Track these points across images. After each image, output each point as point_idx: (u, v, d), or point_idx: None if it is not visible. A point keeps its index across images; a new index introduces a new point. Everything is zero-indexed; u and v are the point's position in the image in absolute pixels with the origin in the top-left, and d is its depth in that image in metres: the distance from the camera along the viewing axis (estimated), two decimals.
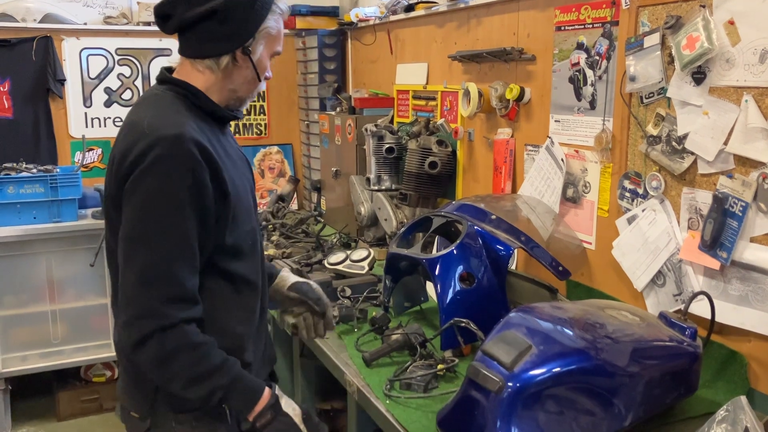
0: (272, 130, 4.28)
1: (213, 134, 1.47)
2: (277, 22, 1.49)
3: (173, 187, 1.33)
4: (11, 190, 3.21)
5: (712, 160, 1.70)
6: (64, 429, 3.48)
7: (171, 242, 1.34)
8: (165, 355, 1.34)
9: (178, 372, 1.36)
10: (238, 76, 1.49)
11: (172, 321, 1.33)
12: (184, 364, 1.36)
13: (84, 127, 3.82)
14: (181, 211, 1.34)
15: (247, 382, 1.44)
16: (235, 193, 1.45)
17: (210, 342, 1.39)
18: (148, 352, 1.34)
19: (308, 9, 4.01)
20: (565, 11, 2.17)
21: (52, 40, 3.66)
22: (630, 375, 1.41)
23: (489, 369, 1.36)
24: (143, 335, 1.33)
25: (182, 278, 1.35)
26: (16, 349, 3.35)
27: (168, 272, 1.34)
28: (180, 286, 1.35)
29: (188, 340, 1.35)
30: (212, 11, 1.40)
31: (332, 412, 2.80)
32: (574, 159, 2.19)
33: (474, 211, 2.11)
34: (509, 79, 2.46)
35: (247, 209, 1.53)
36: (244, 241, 1.51)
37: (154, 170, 1.33)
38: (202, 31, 1.43)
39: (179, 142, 1.34)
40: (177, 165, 1.33)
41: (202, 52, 1.46)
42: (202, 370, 1.37)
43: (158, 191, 1.33)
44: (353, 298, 2.31)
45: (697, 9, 1.70)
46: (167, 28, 1.47)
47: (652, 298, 1.93)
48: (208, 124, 1.48)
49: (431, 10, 2.95)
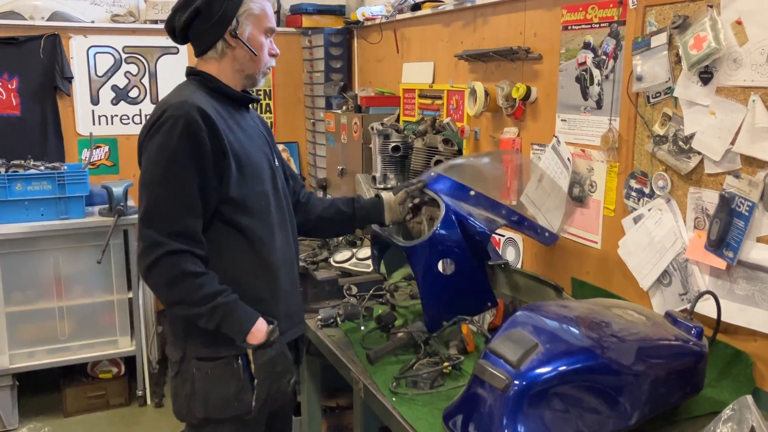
0: (278, 128, 4.30)
1: (227, 112, 1.73)
2: (259, 3, 1.74)
3: (173, 142, 1.59)
4: (19, 187, 3.22)
5: (719, 160, 1.71)
6: (71, 425, 3.49)
7: (169, 189, 1.60)
8: (170, 279, 1.60)
9: (183, 295, 1.61)
10: (238, 56, 1.74)
11: (175, 248, 1.58)
12: (188, 288, 1.60)
13: (91, 124, 3.84)
14: (179, 162, 1.59)
15: (243, 309, 1.66)
16: (242, 155, 1.69)
17: (211, 273, 1.64)
18: (156, 276, 1.61)
19: (315, 8, 4.02)
20: (572, 11, 2.17)
21: (59, 38, 3.68)
22: (636, 374, 1.42)
23: (495, 367, 1.37)
24: (151, 261, 1.59)
25: (180, 218, 1.60)
26: (24, 346, 3.37)
27: (168, 213, 1.60)
28: (180, 224, 1.60)
29: (191, 269, 1.60)
30: (197, 11, 1.68)
31: (337, 409, 2.81)
32: (581, 158, 2.19)
33: (452, 186, 2.02)
34: (516, 78, 2.47)
35: (258, 173, 1.75)
36: (253, 199, 1.72)
37: (161, 129, 1.61)
38: (196, 30, 1.73)
39: (182, 106, 1.61)
40: (178, 124, 1.59)
41: (202, 46, 1.75)
42: (202, 294, 1.61)
43: (161, 146, 1.60)
44: (359, 296, 2.32)
45: (704, 9, 1.70)
46: (177, 40, 1.77)
47: (657, 297, 1.93)
48: (225, 104, 1.74)
49: (438, 9, 2.95)
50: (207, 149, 1.61)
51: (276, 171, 1.84)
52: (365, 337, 2.04)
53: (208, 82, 1.74)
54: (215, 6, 1.68)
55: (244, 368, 1.71)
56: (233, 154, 1.66)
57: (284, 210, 1.84)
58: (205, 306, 1.61)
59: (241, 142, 1.71)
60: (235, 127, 1.72)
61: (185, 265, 1.60)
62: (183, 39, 1.77)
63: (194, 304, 1.62)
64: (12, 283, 3.30)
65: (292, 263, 1.87)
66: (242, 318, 1.66)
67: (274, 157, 1.87)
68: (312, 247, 2.94)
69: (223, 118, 1.69)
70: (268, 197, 1.77)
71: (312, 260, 2.66)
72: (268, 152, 1.84)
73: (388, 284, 2.42)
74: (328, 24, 3.99)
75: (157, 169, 1.60)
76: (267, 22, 1.76)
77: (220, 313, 1.63)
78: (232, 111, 1.76)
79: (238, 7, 1.70)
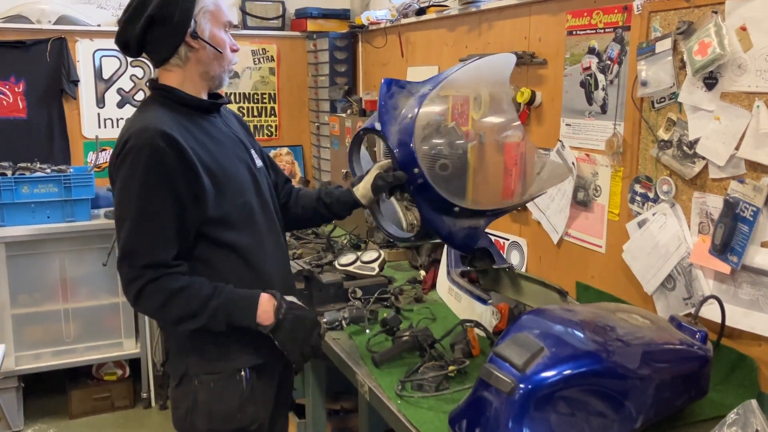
0: (283, 132, 4.31)
1: (195, 124, 1.67)
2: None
3: (139, 173, 1.54)
4: (25, 190, 3.24)
5: (723, 165, 1.71)
6: (76, 427, 3.51)
7: (141, 223, 1.56)
8: (160, 304, 1.58)
9: (179, 313, 1.60)
10: (203, 58, 1.67)
11: (153, 277, 1.56)
12: (180, 305, 1.59)
13: (97, 127, 3.85)
14: (148, 194, 1.55)
15: (242, 295, 1.64)
16: (216, 170, 1.63)
17: (197, 280, 1.61)
18: (146, 305, 1.61)
19: (319, 12, 4.04)
20: (577, 16, 2.18)
21: (66, 42, 3.70)
22: (641, 377, 1.42)
23: (501, 370, 1.38)
24: (135, 294, 1.58)
25: (154, 250, 1.57)
26: (29, 347, 3.38)
27: (141, 248, 1.57)
28: (154, 256, 1.57)
29: (175, 286, 1.58)
30: (150, 19, 1.60)
31: (342, 412, 2.82)
32: (585, 163, 2.20)
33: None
34: (520, 82, 2.48)
35: (237, 184, 1.69)
36: (236, 213, 1.67)
37: (126, 161, 1.56)
38: (152, 40, 1.64)
39: (144, 133, 1.55)
40: (142, 155, 1.54)
41: (163, 54, 1.66)
42: (196, 304, 1.59)
43: (128, 179, 1.56)
44: (364, 299, 2.33)
45: (709, 15, 1.71)
46: (131, 53, 1.69)
47: (662, 301, 1.94)
48: (188, 115, 1.67)
49: (443, 14, 2.97)
50: (176, 173, 1.56)
51: (258, 173, 1.79)
52: (370, 340, 2.05)
53: (171, 95, 1.67)
54: (169, 10, 1.59)
55: (247, 381, 1.70)
56: (207, 171, 1.61)
57: (271, 212, 1.81)
58: (204, 314, 1.59)
59: (214, 156, 1.65)
60: (206, 139, 1.66)
61: (168, 284, 1.57)
62: (138, 52, 1.68)
63: (193, 317, 1.60)
64: (18, 285, 3.31)
65: (284, 264, 1.86)
66: (244, 308, 1.63)
67: (253, 159, 1.81)
68: (317, 250, 2.95)
69: (192, 134, 1.63)
70: (251, 206, 1.72)
71: (317, 263, 2.67)
72: (246, 157, 1.77)
73: (393, 287, 2.43)
74: (333, 28, 4.01)
75: (127, 203, 1.57)
76: (223, 17, 1.69)
77: (222, 313, 1.61)
78: (200, 121, 1.69)
79: (193, 7, 1.62)
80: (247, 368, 1.70)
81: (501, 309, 2.04)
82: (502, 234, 2.64)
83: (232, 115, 1.88)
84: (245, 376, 1.70)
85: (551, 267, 2.39)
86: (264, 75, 4.21)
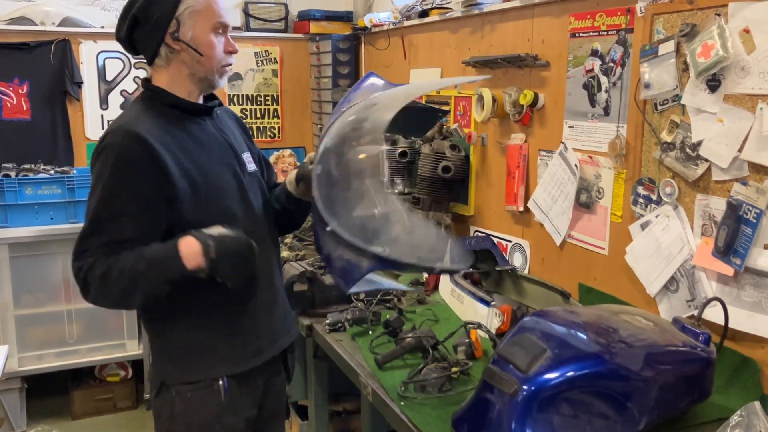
0: (285, 133, 4.32)
1: (177, 125, 1.65)
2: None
3: (107, 171, 1.54)
4: (29, 191, 3.25)
5: (727, 167, 1.71)
6: (79, 428, 3.51)
7: (98, 216, 1.55)
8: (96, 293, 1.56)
9: (119, 291, 1.55)
10: (186, 60, 1.64)
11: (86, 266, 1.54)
12: (114, 286, 1.54)
13: (100, 129, 3.86)
14: (111, 192, 1.54)
15: (162, 249, 1.57)
16: (195, 174, 1.61)
17: (118, 258, 1.54)
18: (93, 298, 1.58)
19: (322, 14, 4.05)
20: (580, 18, 2.19)
21: (69, 44, 3.71)
22: (644, 379, 1.43)
23: (504, 372, 1.38)
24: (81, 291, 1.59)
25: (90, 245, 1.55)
26: (32, 348, 3.39)
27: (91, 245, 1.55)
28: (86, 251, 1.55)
29: (97, 273, 1.54)
30: (134, 19, 1.61)
31: (344, 413, 2.82)
32: (588, 165, 2.20)
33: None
34: (523, 84, 2.48)
35: (218, 189, 1.66)
36: (214, 218, 1.62)
37: (100, 158, 1.57)
38: (138, 39, 1.65)
39: (118, 133, 1.56)
40: (112, 154, 1.55)
41: (149, 54, 1.66)
42: (126, 278, 1.53)
43: (98, 175, 1.56)
44: (366, 300, 2.33)
45: (712, 17, 1.71)
46: (129, 50, 1.70)
47: (665, 303, 1.94)
48: (173, 116, 1.65)
49: (445, 16, 2.97)
50: (145, 175, 1.54)
51: (246, 179, 1.74)
52: (373, 341, 2.05)
53: (158, 96, 1.66)
54: (151, 10, 1.59)
55: (226, 391, 1.67)
56: (184, 175, 1.58)
57: (257, 218, 1.74)
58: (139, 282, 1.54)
59: (196, 159, 1.62)
60: (189, 142, 1.63)
61: (96, 272, 1.53)
62: (132, 49, 1.68)
63: (132, 288, 1.55)
64: (21, 286, 3.32)
65: (270, 272, 1.78)
66: (169, 259, 1.55)
67: (242, 164, 1.75)
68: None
69: (173, 136, 1.61)
70: (232, 212, 1.67)
71: (319, 264, 2.67)
72: (233, 162, 1.72)
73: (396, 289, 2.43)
74: (336, 30, 4.02)
75: (93, 199, 1.56)
76: (214, 18, 1.63)
77: (153, 273, 1.55)
78: (187, 123, 1.66)
79: (176, 7, 1.59)
80: (225, 377, 1.67)
81: (504, 311, 2.05)
82: (505, 236, 2.64)
83: (229, 117, 1.85)
84: (223, 385, 1.67)
85: (554, 269, 2.39)
86: (267, 77, 4.22)
